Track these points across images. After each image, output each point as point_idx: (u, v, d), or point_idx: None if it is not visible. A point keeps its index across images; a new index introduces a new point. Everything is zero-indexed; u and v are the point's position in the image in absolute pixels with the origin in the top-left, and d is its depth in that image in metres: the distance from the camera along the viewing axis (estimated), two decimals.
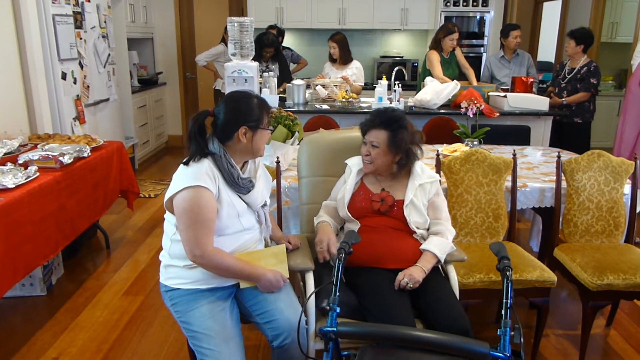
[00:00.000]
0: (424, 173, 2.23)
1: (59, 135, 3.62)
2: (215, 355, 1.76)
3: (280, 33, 5.90)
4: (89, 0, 4.42)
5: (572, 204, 2.70)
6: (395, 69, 4.87)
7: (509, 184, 2.73)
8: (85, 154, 3.23)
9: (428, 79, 4.80)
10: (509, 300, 1.53)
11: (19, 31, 3.57)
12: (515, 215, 2.74)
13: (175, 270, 1.93)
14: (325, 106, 4.62)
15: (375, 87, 4.62)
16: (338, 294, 1.62)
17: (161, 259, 2.01)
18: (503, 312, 1.52)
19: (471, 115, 3.65)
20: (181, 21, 7.21)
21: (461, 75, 5.21)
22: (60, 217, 2.92)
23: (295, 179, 2.61)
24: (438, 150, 2.84)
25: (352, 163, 2.30)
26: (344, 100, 4.68)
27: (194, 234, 1.79)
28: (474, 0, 6.67)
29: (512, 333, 1.46)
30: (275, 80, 4.57)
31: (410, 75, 6.84)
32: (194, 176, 1.81)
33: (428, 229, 2.22)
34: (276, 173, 2.50)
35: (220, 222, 1.87)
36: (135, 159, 6.05)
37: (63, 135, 3.67)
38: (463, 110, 3.72)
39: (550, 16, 7.26)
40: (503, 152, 3.33)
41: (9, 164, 2.85)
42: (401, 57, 7.17)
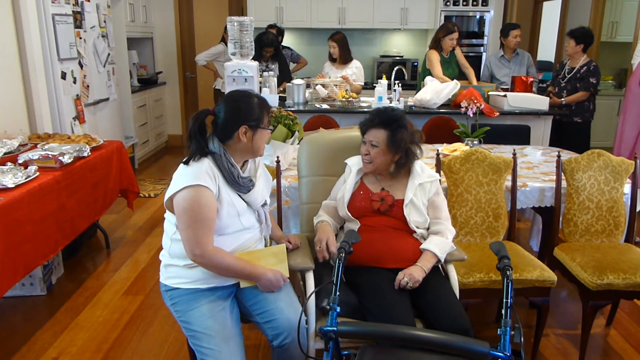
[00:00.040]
0: (424, 172, 2.23)
1: (58, 134, 3.62)
2: (215, 354, 1.76)
3: (280, 32, 5.90)
4: (88, 0, 4.43)
5: (572, 204, 2.70)
6: (395, 69, 4.87)
7: (509, 183, 2.73)
8: (85, 154, 3.23)
9: (428, 79, 4.80)
10: (509, 300, 1.53)
11: (18, 31, 3.56)
12: (515, 214, 2.74)
13: (175, 270, 1.93)
14: (325, 106, 4.62)
15: (375, 87, 4.62)
16: (338, 293, 1.62)
17: (161, 259, 2.01)
18: (503, 312, 1.52)
19: (471, 115, 3.65)
20: (181, 21, 7.20)
21: (461, 74, 5.21)
22: (60, 217, 2.92)
23: (295, 178, 2.61)
24: (438, 150, 2.84)
25: (352, 163, 2.30)
26: (343, 99, 4.68)
27: (194, 233, 1.79)
28: (474, 0, 6.67)
29: (512, 332, 1.46)
30: (275, 79, 4.57)
31: (410, 75, 6.84)
32: (194, 175, 1.81)
33: (428, 229, 2.22)
34: (276, 172, 2.50)
35: (221, 222, 1.87)
36: (135, 159, 6.05)
37: (63, 134, 3.67)
38: (463, 110, 3.72)
39: (550, 15, 7.26)
40: (503, 152, 3.33)
41: (9, 163, 2.85)
42: (401, 57, 7.17)
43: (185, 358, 2.53)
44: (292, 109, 4.37)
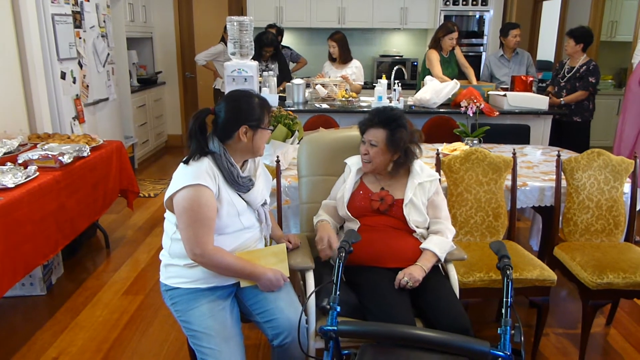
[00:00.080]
0: (423, 172, 2.23)
1: (58, 134, 3.62)
2: (215, 354, 1.76)
3: (280, 32, 5.90)
4: (88, 0, 4.42)
5: (572, 203, 2.70)
6: (395, 68, 4.87)
7: (508, 182, 2.73)
8: (84, 154, 3.23)
9: (427, 78, 4.80)
10: (509, 299, 1.53)
11: (18, 31, 3.56)
12: (515, 214, 2.74)
13: (175, 269, 1.93)
14: (325, 105, 4.62)
15: (374, 86, 4.62)
16: (338, 293, 1.62)
17: (161, 258, 2.01)
18: (503, 311, 1.52)
19: (471, 114, 3.65)
20: (180, 20, 7.20)
21: (461, 74, 5.21)
22: (60, 217, 2.92)
23: (295, 178, 2.61)
24: (438, 149, 2.84)
25: (352, 162, 2.30)
26: (343, 99, 4.68)
27: (194, 232, 1.79)
28: (474, 0, 6.67)
29: (513, 332, 1.46)
30: (274, 79, 4.57)
31: (410, 75, 6.84)
32: (194, 175, 1.81)
33: (428, 228, 2.22)
34: (276, 172, 2.50)
35: (220, 221, 1.87)
36: (134, 159, 6.05)
37: (62, 134, 3.67)
38: (463, 109, 3.72)
39: (550, 15, 7.26)
40: (503, 151, 3.33)
41: (9, 163, 2.85)
42: (401, 56, 7.17)
43: (185, 358, 2.53)
44: (292, 108, 4.37)
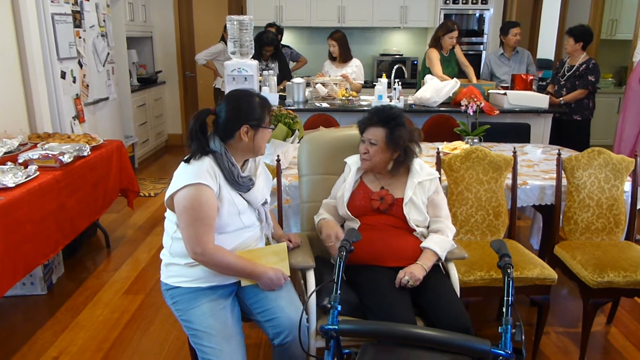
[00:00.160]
0: (423, 170, 2.23)
1: (58, 134, 3.62)
2: (216, 353, 1.76)
3: (280, 31, 5.89)
4: None
5: (573, 202, 2.70)
6: (395, 67, 4.86)
7: (509, 181, 2.73)
8: (85, 153, 3.23)
9: (428, 77, 4.80)
10: (510, 298, 1.53)
11: (18, 30, 3.56)
12: (515, 212, 2.74)
13: (176, 269, 1.93)
14: (325, 104, 4.62)
15: (375, 85, 4.62)
16: (339, 292, 1.62)
17: (162, 258, 2.01)
18: (504, 310, 1.52)
19: (471, 113, 3.65)
20: (180, 20, 7.20)
21: (461, 73, 5.21)
22: (60, 216, 2.92)
23: (296, 177, 2.61)
24: (438, 148, 2.84)
25: (352, 161, 2.30)
26: (343, 98, 4.68)
27: (194, 231, 1.79)
28: None
29: (513, 330, 1.46)
30: (275, 78, 4.57)
31: (410, 73, 6.83)
32: (195, 174, 1.81)
33: (428, 227, 2.22)
34: (276, 171, 2.50)
35: (221, 220, 1.87)
36: (135, 158, 6.05)
37: (63, 134, 3.67)
38: (463, 108, 3.72)
39: (550, 13, 7.26)
40: (503, 150, 3.33)
41: (9, 163, 2.85)
42: (401, 55, 7.16)
43: (186, 357, 2.53)
44: (292, 107, 4.37)
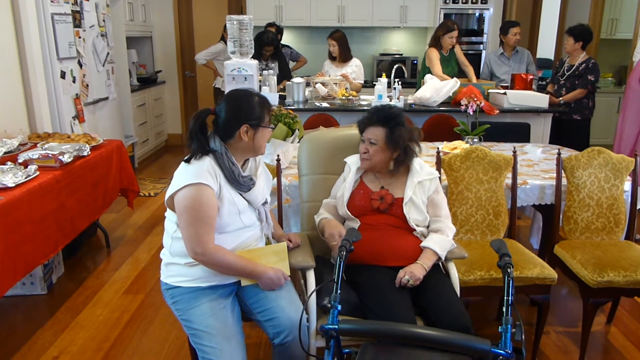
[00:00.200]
0: (423, 170, 2.23)
1: (58, 134, 3.62)
2: (216, 353, 1.76)
3: (279, 31, 5.89)
4: None
5: (573, 201, 2.70)
6: (395, 67, 4.86)
7: (509, 181, 2.73)
8: (84, 153, 3.23)
9: (428, 77, 4.80)
10: (510, 298, 1.53)
11: (18, 30, 3.56)
12: (515, 212, 2.74)
13: (176, 268, 1.93)
14: (325, 104, 4.62)
15: (375, 85, 4.62)
16: (339, 291, 1.62)
17: (162, 257, 2.01)
18: (504, 309, 1.52)
19: (471, 113, 3.65)
20: (180, 19, 7.19)
21: (460, 72, 5.20)
22: (60, 216, 2.92)
23: (296, 177, 2.61)
24: (438, 148, 2.83)
25: (352, 161, 2.29)
26: (343, 98, 4.68)
27: (195, 231, 1.79)
28: None
29: (513, 330, 1.46)
30: (274, 78, 4.56)
31: (410, 73, 6.83)
32: (196, 174, 1.81)
33: (428, 227, 2.22)
34: (277, 171, 2.50)
35: (221, 220, 1.87)
36: (134, 158, 6.05)
37: (62, 134, 3.67)
38: (463, 108, 3.72)
39: (550, 13, 7.26)
40: (503, 150, 3.33)
41: (9, 163, 2.85)
42: (401, 55, 7.16)
43: (186, 356, 2.53)
44: (292, 107, 4.37)
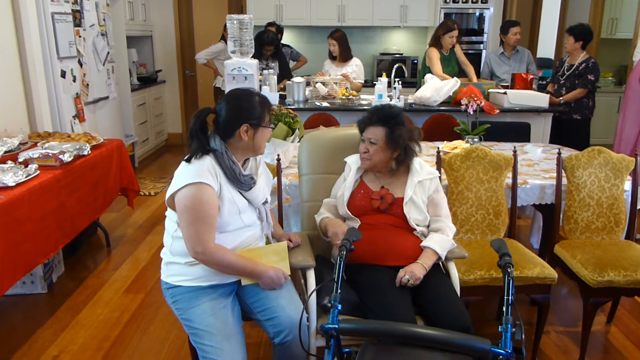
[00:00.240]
0: (423, 170, 2.23)
1: (58, 133, 3.62)
2: (216, 352, 1.76)
3: (279, 30, 5.89)
4: None
5: (573, 201, 2.70)
6: (395, 66, 4.86)
7: (509, 180, 2.73)
8: (85, 152, 3.23)
9: (428, 76, 4.79)
10: (510, 297, 1.53)
11: (18, 30, 3.56)
12: (515, 212, 2.74)
13: (176, 268, 1.93)
14: (325, 104, 4.62)
15: (375, 85, 4.62)
16: (339, 291, 1.62)
17: (162, 257, 2.01)
18: (504, 309, 1.52)
19: (471, 112, 3.65)
20: (180, 19, 7.19)
21: (461, 72, 5.20)
22: (60, 215, 2.92)
23: (296, 176, 2.61)
24: (438, 147, 2.83)
25: (352, 161, 2.30)
26: (344, 97, 4.67)
27: (195, 230, 1.79)
28: None
29: (513, 330, 1.46)
30: (275, 77, 4.56)
31: (410, 73, 6.83)
32: (196, 173, 1.81)
33: (428, 226, 2.22)
34: (277, 171, 2.50)
35: (222, 219, 1.87)
36: (135, 157, 6.05)
37: (63, 133, 3.66)
38: (463, 107, 3.72)
39: (550, 12, 7.25)
40: (503, 149, 3.33)
41: (9, 162, 2.85)
42: (401, 54, 7.16)
43: (186, 356, 2.53)
44: (292, 107, 4.36)
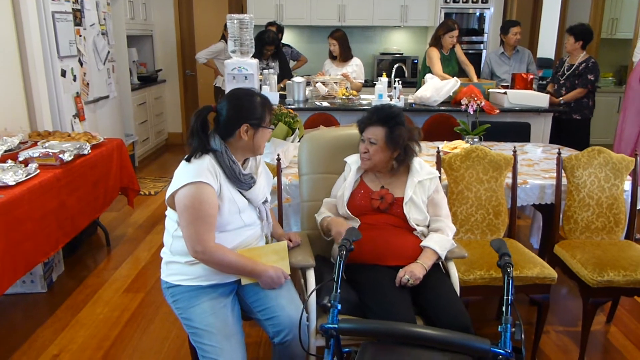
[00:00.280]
0: (423, 169, 2.23)
1: (59, 132, 3.62)
2: (216, 351, 1.76)
3: (280, 30, 5.89)
4: None
5: (573, 201, 2.70)
6: (395, 66, 4.86)
7: (509, 180, 2.73)
8: (85, 151, 3.23)
9: (428, 76, 4.79)
10: (510, 297, 1.53)
11: (18, 29, 3.56)
12: (515, 212, 2.74)
13: (176, 267, 1.93)
14: (325, 103, 4.62)
15: (375, 84, 4.62)
16: (339, 291, 1.62)
17: (162, 256, 2.01)
18: (504, 309, 1.52)
19: (471, 112, 3.65)
20: (180, 18, 7.19)
21: (461, 72, 5.20)
22: (60, 215, 2.92)
23: (296, 176, 2.61)
24: (438, 147, 2.83)
25: (352, 161, 2.30)
26: (344, 97, 4.67)
27: (195, 230, 1.79)
28: None
29: (513, 329, 1.46)
30: (275, 77, 4.56)
31: (410, 72, 6.83)
32: (196, 172, 1.81)
33: (428, 226, 2.22)
34: (277, 170, 2.50)
35: (222, 218, 1.87)
36: (135, 157, 6.05)
37: (63, 132, 3.66)
38: (463, 107, 3.72)
39: (550, 12, 7.25)
40: (503, 149, 3.33)
41: (10, 161, 2.85)
42: (401, 54, 7.16)
43: (186, 355, 2.53)
44: (293, 106, 4.37)
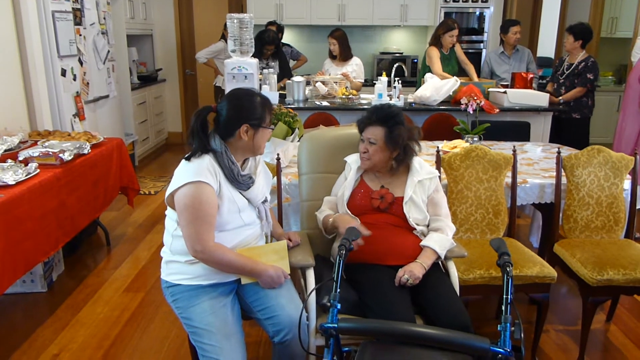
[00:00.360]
0: (423, 169, 2.23)
1: (59, 132, 3.62)
2: (216, 351, 1.77)
3: (280, 30, 5.89)
4: None
5: (572, 200, 2.70)
6: (395, 65, 4.86)
7: (509, 180, 2.73)
8: (85, 151, 3.23)
9: (428, 75, 4.79)
10: (509, 296, 1.53)
11: (18, 28, 3.56)
12: (515, 211, 2.75)
13: (176, 266, 1.94)
14: (325, 103, 4.62)
15: (375, 84, 4.62)
16: (339, 290, 1.62)
17: (162, 255, 2.01)
18: (503, 308, 1.52)
19: (471, 112, 3.65)
20: (180, 17, 7.19)
21: (461, 71, 5.20)
22: (60, 214, 2.92)
23: (296, 175, 2.61)
24: (438, 147, 2.84)
25: (352, 160, 2.30)
26: (343, 96, 4.67)
27: (195, 229, 1.79)
28: None
29: (513, 328, 1.47)
30: (275, 77, 4.56)
31: (410, 72, 6.83)
32: (195, 172, 1.81)
33: (428, 226, 2.22)
34: (276, 170, 2.50)
35: (221, 218, 1.87)
36: (135, 156, 6.05)
37: (63, 132, 3.66)
38: (463, 107, 3.72)
39: (550, 11, 7.25)
40: (503, 148, 3.33)
41: (9, 160, 2.85)
42: (401, 54, 7.15)
43: (186, 355, 2.53)
44: (292, 106, 4.36)
